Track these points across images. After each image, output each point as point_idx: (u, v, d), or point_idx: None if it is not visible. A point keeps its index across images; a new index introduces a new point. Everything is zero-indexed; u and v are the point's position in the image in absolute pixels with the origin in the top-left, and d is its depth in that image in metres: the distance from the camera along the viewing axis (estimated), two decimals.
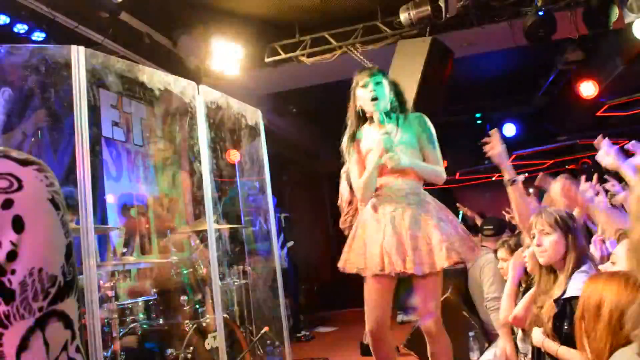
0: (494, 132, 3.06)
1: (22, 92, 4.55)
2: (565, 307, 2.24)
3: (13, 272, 0.81)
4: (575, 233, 2.42)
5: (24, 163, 0.87)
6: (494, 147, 2.99)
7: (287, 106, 8.19)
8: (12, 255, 0.81)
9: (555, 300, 2.31)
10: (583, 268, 2.31)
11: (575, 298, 2.17)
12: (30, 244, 0.82)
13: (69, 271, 0.88)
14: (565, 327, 2.19)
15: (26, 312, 0.81)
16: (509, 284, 3.25)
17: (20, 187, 0.83)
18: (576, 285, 2.23)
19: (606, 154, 2.65)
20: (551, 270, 2.47)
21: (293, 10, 5.79)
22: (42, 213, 0.85)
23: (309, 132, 9.63)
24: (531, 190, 4.97)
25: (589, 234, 3.07)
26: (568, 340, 2.13)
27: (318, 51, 6.21)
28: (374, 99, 3.02)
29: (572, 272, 2.34)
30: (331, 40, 6.13)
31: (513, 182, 2.91)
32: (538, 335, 2.40)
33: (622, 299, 1.48)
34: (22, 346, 0.80)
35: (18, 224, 0.82)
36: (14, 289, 0.81)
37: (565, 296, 2.26)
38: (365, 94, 3.07)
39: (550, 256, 2.45)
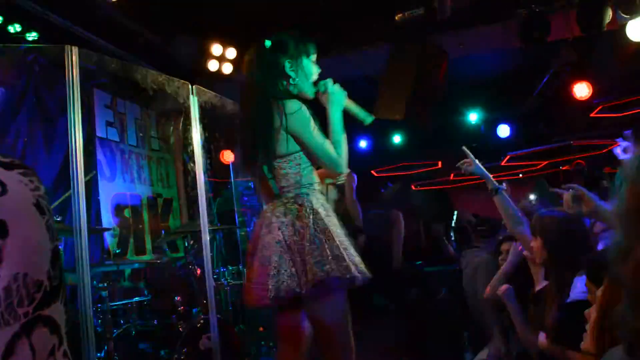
0: (466, 149, 3.08)
1: (16, 92, 4.53)
2: (569, 312, 2.22)
3: None
4: (558, 238, 2.39)
5: (8, 167, 0.86)
6: (470, 164, 3.02)
7: None
8: None
9: (558, 306, 2.30)
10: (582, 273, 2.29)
11: (578, 303, 2.16)
12: (15, 249, 0.81)
13: (55, 276, 0.86)
14: (570, 332, 2.17)
15: (11, 318, 0.80)
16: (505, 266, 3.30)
17: (4, 192, 0.82)
18: (579, 289, 2.21)
19: (625, 151, 2.68)
20: (550, 274, 2.47)
21: (287, 10, 5.78)
22: (27, 218, 0.84)
23: None
24: (532, 196, 5.01)
25: None
26: (574, 345, 2.12)
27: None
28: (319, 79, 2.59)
29: (565, 276, 2.32)
30: (326, 40, 6.12)
31: (496, 191, 2.89)
32: (543, 340, 2.38)
33: None
34: (8, 352, 0.79)
35: (2, 229, 0.80)
36: None
37: (567, 301, 2.25)
38: (314, 69, 2.60)
39: (536, 259, 2.46)
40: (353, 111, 2.61)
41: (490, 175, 2.96)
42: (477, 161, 3.04)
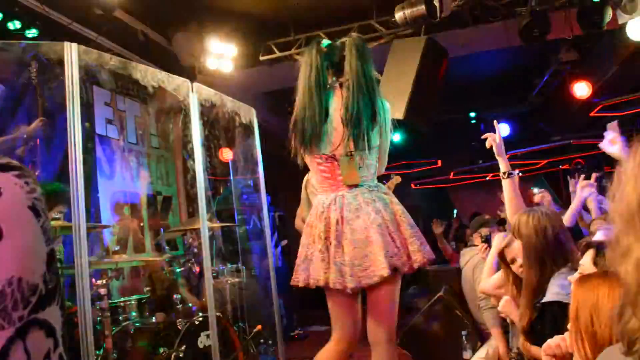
0: (496, 124, 3.03)
1: (15, 89, 4.52)
2: (543, 311, 2.22)
3: None
4: (532, 240, 2.39)
5: (3, 168, 0.84)
6: (495, 138, 2.95)
7: (281, 104, 8.16)
8: None
9: (534, 304, 2.29)
10: (562, 270, 2.28)
11: (553, 303, 2.15)
12: (9, 253, 0.80)
13: (51, 279, 0.85)
14: (543, 331, 2.16)
15: (5, 322, 0.79)
16: (489, 257, 3.32)
17: None
18: (553, 289, 2.20)
19: (612, 142, 2.65)
20: (526, 274, 2.45)
21: (288, 8, 5.78)
22: (22, 221, 0.83)
23: None
24: (537, 191, 5.01)
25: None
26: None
27: None
28: None
29: (540, 278, 2.32)
30: (326, 39, 6.12)
31: (509, 175, 2.89)
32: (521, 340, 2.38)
33: (617, 299, 1.46)
34: (3, 356, 0.78)
35: None
36: None
37: (542, 300, 2.24)
38: None
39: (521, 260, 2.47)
40: None
41: (506, 157, 2.92)
42: (500, 141, 2.96)
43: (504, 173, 2.90)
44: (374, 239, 2.42)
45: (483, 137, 3.00)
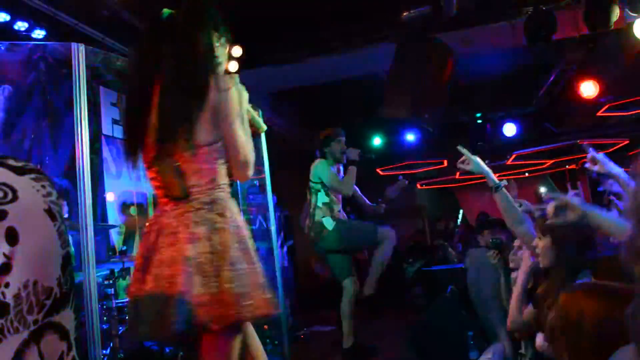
0: (461, 148, 3.01)
1: (22, 89, 4.55)
2: None
3: (7, 285, 0.79)
4: (567, 237, 2.37)
5: (20, 172, 0.85)
6: (468, 163, 2.94)
7: (287, 105, 8.18)
8: (5, 268, 0.79)
9: None
10: (585, 273, 2.28)
11: None
12: (25, 256, 0.80)
13: (66, 282, 0.86)
14: None
15: (21, 325, 0.80)
16: (515, 290, 3.28)
17: (15, 198, 0.81)
18: None
19: (593, 162, 2.67)
20: (551, 275, 2.45)
21: (293, 8, 5.78)
22: (38, 224, 0.83)
23: (309, 131, 9.62)
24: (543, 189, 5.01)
25: None
26: None
27: (318, 50, 6.19)
28: None
29: (569, 277, 2.31)
30: (331, 39, 6.11)
31: (497, 189, 2.87)
32: (541, 341, 2.38)
33: (602, 313, 1.46)
34: (17, 359, 0.79)
35: (11, 236, 0.79)
36: (8, 302, 0.79)
37: None
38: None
39: (543, 261, 2.45)
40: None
41: (492, 173, 2.92)
42: (475, 158, 2.97)
43: (491, 188, 2.86)
44: (179, 279, 1.72)
45: (457, 165, 2.95)
